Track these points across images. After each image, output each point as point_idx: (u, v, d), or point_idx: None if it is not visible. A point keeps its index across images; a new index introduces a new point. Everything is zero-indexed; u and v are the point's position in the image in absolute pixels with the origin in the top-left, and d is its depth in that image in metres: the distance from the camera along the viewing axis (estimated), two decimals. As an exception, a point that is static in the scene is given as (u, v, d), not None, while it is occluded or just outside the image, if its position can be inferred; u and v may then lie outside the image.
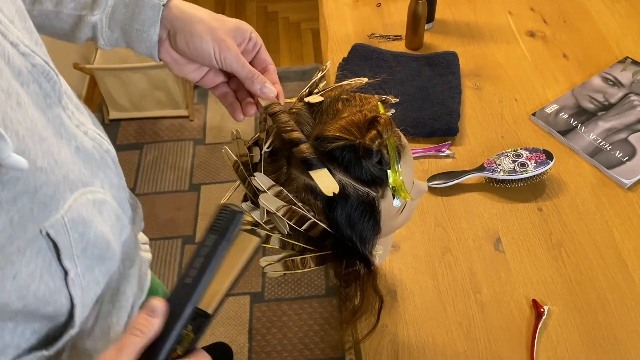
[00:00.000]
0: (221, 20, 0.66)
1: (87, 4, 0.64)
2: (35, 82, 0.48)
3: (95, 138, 0.58)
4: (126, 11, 0.64)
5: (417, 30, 1.27)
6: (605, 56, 1.26)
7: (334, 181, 0.61)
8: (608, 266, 0.93)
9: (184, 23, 0.64)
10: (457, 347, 0.86)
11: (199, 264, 0.49)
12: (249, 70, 0.65)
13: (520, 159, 1.02)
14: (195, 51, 0.64)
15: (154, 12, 0.63)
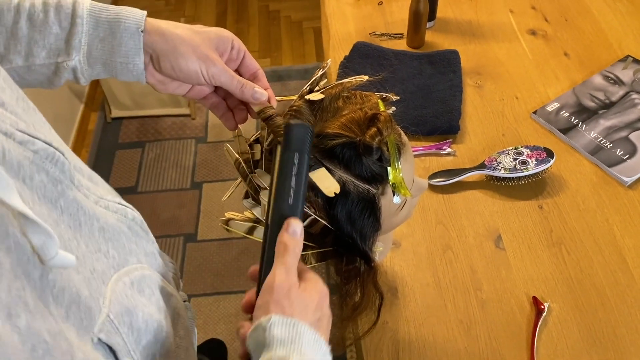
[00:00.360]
0: (202, 33, 0.64)
1: (60, 49, 0.60)
2: (41, 170, 0.44)
3: (118, 209, 0.55)
4: (103, 46, 0.61)
5: (419, 28, 1.27)
6: (607, 54, 1.26)
7: (334, 181, 0.62)
8: (608, 263, 0.93)
9: (166, 46, 0.61)
10: (457, 344, 0.86)
11: (295, 184, 0.55)
12: (237, 81, 0.64)
13: (521, 156, 1.02)
14: (181, 73, 0.62)
15: (135, 41, 0.61)
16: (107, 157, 2.28)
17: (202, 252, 1.98)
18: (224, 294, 1.86)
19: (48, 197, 0.44)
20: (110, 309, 0.46)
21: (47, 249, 0.36)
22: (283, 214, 0.55)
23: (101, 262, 0.48)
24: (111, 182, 2.18)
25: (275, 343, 0.49)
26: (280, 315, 0.51)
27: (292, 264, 0.54)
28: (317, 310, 0.54)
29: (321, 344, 0.52)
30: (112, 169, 2.24)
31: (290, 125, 0.56)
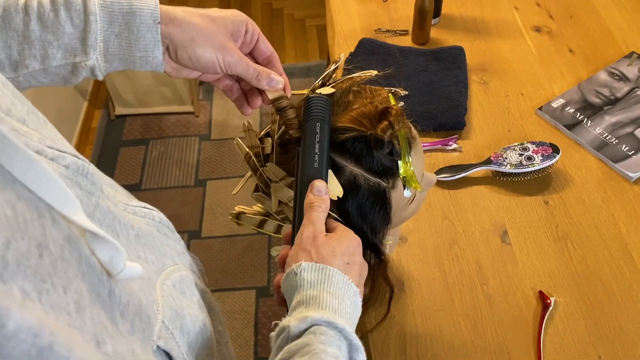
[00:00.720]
0: (218, 20, 0.62)
1: (76, 49, 0.58)
2: (74, 185, 0.43)
3: (145, 214, 0.55)
4: (120, 41, 0.59)
5: (424, 25, 1.27)
6: (612, 51, 1.26)
7: (338, 185, 0.63)
8: (614, 258, 0.94)
9: (183, 37, 0.60)
10: (464, 338, 0.87)
11: (318, 149, 0.60)
12: (253, 69, 0.64)
13: (527, 152, 1.03)
14: (198, 63, 0.62)
15: (153, 34, 0.59)
16: (111, 154, 2.28)
17: (206, 249, 1.98)
18: (228, 291, 1.87)
19: (86, 211, 0.43)
20: (164, 314, 0.47)
21: (116, 262, 0.37)
22: (310, 176, 0.60)
23: (145, 269, 0.48)
24: (115, 179, 2.16)
25: (306, 285, 0.52)
26: (309, 262, 0.54)
27: (317, 217, 0.57)
28: (345, 256, 0.56)
29: (350, 285, 0.54)
30: (116, 166, 2.24)
31: (310, 98, 0.62)
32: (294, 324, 0.49)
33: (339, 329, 0.49)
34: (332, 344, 0.48)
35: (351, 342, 0.50)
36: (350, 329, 0.51)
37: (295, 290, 0.53)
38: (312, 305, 0.51)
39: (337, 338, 0.49)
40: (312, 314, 0.49)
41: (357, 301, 0.55)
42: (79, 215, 0.35)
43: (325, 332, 0.48)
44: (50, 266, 0.32)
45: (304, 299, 0.52)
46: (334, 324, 0.49)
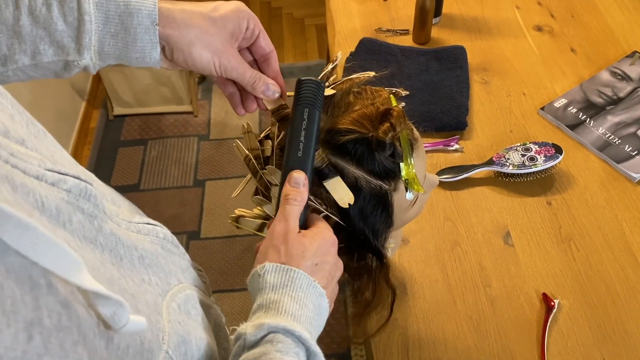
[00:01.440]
0: (218, 21, 0.60)
1: (69, 47, 0.56)
2: (77, 210, 0.42)
3: (149, 231, 0.53)
4: (116, 42, 0.58)
5: (425, 24, 1.26)
6: (614, 50, 1.25)
7: (348, 191, 0.61)
8: (618, 260, 0.93)
9: (180, 40, 0.59)
10: (467, 340, 0.86)
11: (303, 137, 0.58)
12: (250, 76, 0.63)
13: (530, 153, 1.02)
14: (194, 66, 0.60)
15: (150, 36, 0.57)
16: (110, 154, 2.27)
17: (205, 250, 1.97)
18: (228, 292, 1.86)
19: (88, 237, 0.42)
20: (169, 344, 0.46)
21: (119, 318, 0.35)
22: (292, 166, 0.58)
23: (150, 293, 0.47)
24: (113, 180, 2.18)
25: (267, 288, 0.52)
26: (274, 262, 0.53)
27: (291, 211, 0.56)
28: (316, 256, 0.55)
29: (315, 287, 0.53)
30: (115, 166, 2.23)
31: (300, 80, 0.60)
32: (250, 331, 0.48)
33: (297, 335, 0.49)
34: (289, 352, 0.47)
35: (309, 348, 0.49)
36: (309, 335, 0.50)
37: (258, 292, 0.53)
38: (271, 310, 0.50)
39: (295, 345, 0.48)
40: (269, 321, 0.48)
41: (321, 303, 0.54)
42: (81, 275, 0.33)
43: (283, 340, 0.48)
44: (42, 345, 0.31)
45: (264, 303, 0.51)
46: (291, 331, 0.48)
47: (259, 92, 0.64)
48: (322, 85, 0.61)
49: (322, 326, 0.55)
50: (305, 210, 0.59)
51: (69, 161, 0.47)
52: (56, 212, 0.39)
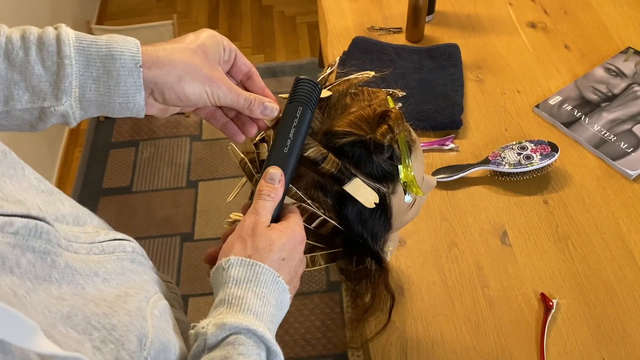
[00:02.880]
0: (198, 50, 0.58)
1: (46, 92, 0.54)
2: (26, 251, 0.41)
3: (114, 248, 0.52)
4: (98, 87, 0.55)
5: (418, 22, 1.25)
6: (607, 47, 1.25)
7: (371, 191, 0.61)
8: (615, 258, 0.93)
9: (168, 78, 0.56)
10: (466, 342, 0.85)
11: (292, 134, 0.57)
12: (244, 99, 0.61)
13: (525, 151, 1.01)
14: (188, 101, 0.58)
15: (134, 78, 0.55)
16: (101, 156, 2.25)
17: (199, 251, 1.95)
18: (222, 294, 1.84)
19: (40, 276, 0.41)
20: (149, 351, 0.45)
21: None
22: (275, 162, 0.58)
23: (130, 303, 0.46)
24: (105, 182, 2.15)
25: (231, 282, 0.51)
26: (239, 256, 0.52)
27: (262, 206, 0.56)
28: (283, 251, 0.54)
29: (279, 283, 0.53)
30: (106, 168, 2.21)
31: (299, 79, 0.60)
32: (212, 331, 0.48)
33: (259, 336, 0.48)
34: (251, 354, 0.47)
35: (270, 348, 0.49)
36: (270, 334, 0.49)
37: (221, 286, 0.52)
38: (233, 306, 0.49)
39: (257, 346, 0.48)
40: (230, 320, 0.48)
41: (284, 299, 0.54)
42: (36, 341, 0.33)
43: (244, 342, 0.47)
44: None
45: (227, 298, 0.50)
46: (253, 331, 0.48)
47: (257, 114, 0.62)
48: (319, 86, 0.61)
49: (280, 320, 0.55)
50: (279, 206, 0.58)
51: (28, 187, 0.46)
52: (1, 260, 0.38)
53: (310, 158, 0.60)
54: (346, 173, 0.60)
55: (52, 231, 0.44)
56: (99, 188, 2.14)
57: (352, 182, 0.60)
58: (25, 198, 0.44)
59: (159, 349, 0.47)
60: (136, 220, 2.04)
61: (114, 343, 0.43)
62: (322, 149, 0.60)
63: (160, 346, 0.47)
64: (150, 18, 2.70)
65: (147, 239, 1.99)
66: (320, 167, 0.60)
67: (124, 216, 2.05)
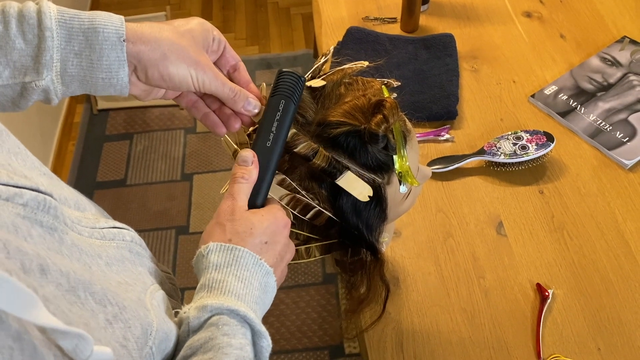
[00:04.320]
0: (186, 34, 0.58)
1: (27, 67, 0.52)
2: (35, 224, 0.41)
3: (114, 236, 0.52)
4: (80, 61, 0.53)
5: (413, 12, 1.24)
6: (603, 36, 1.24)
7: (365, 184, 0.60)
8: (611, 248, 0.92)
9: (153, 55, 0.55)
10: (461, 333, 0.85)
11: (275, 128, 0.57)
12: (230, 89, 0.60)
13: (521, 141, 1.01)
14: (171, 82, 0.57)
15: (117, 53, 0.54)
16: (95, 150, 2.23)
17: (194, 244, 1.94)
18: (218, 286, 1.84)
19: (52, 249, 0.41)
20: (154, 340, 0.45)
21: (81, 350, 0.34)
22: (260, 155, 0.57)
23: (130, 292, 0.46)
24: (99, 175, 2.14)
25: (211, 267, 0.51)
26: (218, 242, 0.52)
27: (239, 190, 0.55)
28: (266, 234, 0.54)
29: (262, 265, 0.52)
30: (100, 161, 2.19)
31: (281, 72, 0.60)
32: (193, 314, 0.48)
33: (241, 315, 0.48)
34: (236, 333, 0.47)
35: (254, 328, 0.48)
36: (254, 314, 0.49)
37: (202, 272, 0.52)
38: (214, 290, 0.49)
39: (241, 325, 0.48)
40: (211, 302, 0.47)
41: (268, 281, 0.53)
42: (36, 312, 0.32)
43: (228, 322, 0.47)
44: None
45: (207, 283, 0.50)
46: (236, 311, 0.48)
47: (239, 107, 0.61)
48: (303, 79, 0.60)
49: (268, 305, 0.54)
50: (264, 197, 0.58)
51: (32, 167, 0.46)
52: (14, 229, 0.38)
53: (301, 154, 0.59)
54: (338, 167, 0.60)
55: (60, 207, 0.44)
56: (93, 181, 2.13)
57: (345, 176, 0.60)
58: (32, 175, 0.44)
59: (162, 339, 0.47)
60: (131, 214, 2.03)
61: (123, 323, 0.43)
62: (313, 144, 0.59)
63: (163, 335, 0.47)
64: (143, 10, 2.68)
65: (142, 232, 1.98)
66: (312, 162, 0.59)
67: (119, 209, 2.04)
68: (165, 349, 0.48)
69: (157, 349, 0.46)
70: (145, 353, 0.44)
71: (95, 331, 0.39)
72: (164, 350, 0.48)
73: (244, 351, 0.46)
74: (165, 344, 0.48)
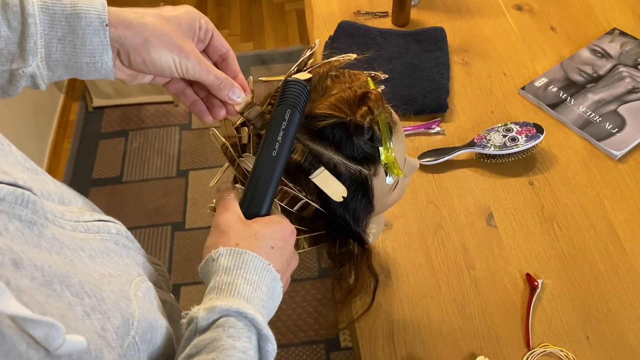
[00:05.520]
0: (172, 20, 0.58)
1: (14, 54, 0.53)
2: (13, 218, 0.41)
3: (99, 228, 0.52)
4: (64, 46, 0.54)
5: (404, 6, 1.25)
6: (593, 28, 1.25)
7: (339, 184, 0.60)
8: (600, 238, 0.93)
9: (136, 40, 0.55)
10: (452, 323, 0.86)
11: (281, 137, 0.57)
12: (215, 77, 0.59)
13: (511, 133, 1.01)
14: (154, 67, 0.57)
15: (100, 37, 0.54)
16: (90, 147, 2.24)
17: (190, 240, 1.95)
18: (214, 282, 1.85)
19: (30, 242, 0.41)
20: (137, 330, 0.46)
21: (52, 339, 0.35)
22: (264, 165, 0.58)
23: (113, 283, 0.47)
24: (95, 173, 2.15)
25: (221, 270, 0.51)
26: (227, 247, 0.53)
27: (229, 202, 0.57)
28: (272, 240, 0.55)
29: (269, 270, 0.53)
30: (96, 159, 2.20)
31: (287, 81, 0.59)
32: (202, 314, 0.48)
33: (249, 318, 0.48)
34: (241, 337, 0.47)
35: (260, 331, 0.49)
36: (262, 317, 0.49)
37: (211, 275, 0.52)
38: (223, 292, 0.50)
39: (247, 329, 0.48)
40: (221, 304, 0.48)
41: (275, 287, 0.54)
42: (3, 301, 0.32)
43: (234, 325, 0.47)
44: None
45: (217, 285, 0.50)
46: (244, 314, 0.48)
47: (224, 95, 0.61)
48: (308, 88, 0.60)
49: (274, 310, 0.55)
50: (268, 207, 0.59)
51: (14, 163, 0.46)
52: None
53: None
54: (314, 163, 0.60)
55: (39, 202, 0.44)
56: (88, 179, 2.13)
57: (319, 174, 0.60)
58: (12, 171, 0.44)
59: (145, 329, 0.47)
60: (127, 211, 2.04)
61: (102, 314, 0.43)
62: None
63: (147, 325, 0.48)
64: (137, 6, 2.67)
65: (138, 228, 1.98)
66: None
67: (115, 206, 2.05)
68: (151, 339, 0.49)
69: (141, 339, 0.46)
70: (127, 342, 0.44)
71: (72, 322, 0.40)
72: (150, 340, 0.48)
73: (247, 355, 0.47)
74: (150, 333, 0.48)
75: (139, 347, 0.46)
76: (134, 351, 0.46)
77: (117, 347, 0.43)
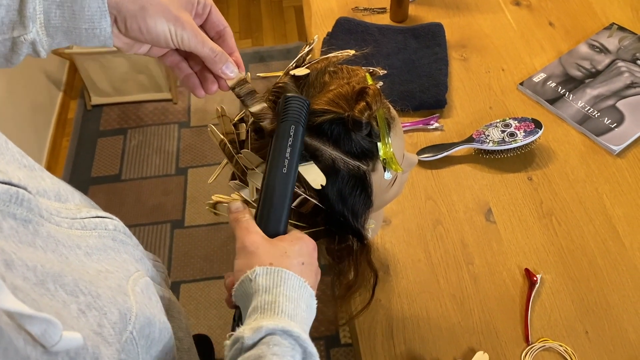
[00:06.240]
0: None
1: (15, 22, 0.53)
2: (7, 216, 0.41)
3: (96, 225, 0.52)
4: (62, 12, 0.54)
5: (402, 2, 1.25)
6: (592, 23, 1.25)
7: (319, 172, 0.61)
8: (599, 233, 0.93)
9: (133, 7, 0.55)
10: (451, 318, 0.86)
11: (289, 154, 0.58)
12: (210, 49, 0.59)
13: (509, 128, 1.01)
14: (149, 35, 0.57)
15: (98, 3, 0.54)
16: (89, 145, 2.24)
17: (190, 238, 1.95)
18: (214, 279, 1.85)
19: (25, 241, 0.41)
20: (134, 325, 0.46)
21: (50, 335, 0.35)
22: (276, 182, 0.58)
23: (110, 279, 0.47)
24: (94, 171, 2.14)
25: (261, 290, 0.51)
26: (263, 266, 0.52)
27: (247, 224, 0.57)
28: (302, 256, 0.55)
29: (306, 288, 0.53)
30: (95, 157, 2.20)
31: (287, 97, 0.59)
32: (248, 334, 0.48)
33: (294, 337, 0.48)
34: (285, 354, 0.47)
35: (306, 349, 0.49)
36: (306, 335, 0.49)
37: (251, 296, 0.52)
38: (267, 311, 0.50)
39: (292, 347, 0.48)
40: (266, 323, 0.48)
41: (312, 304, 0.54)
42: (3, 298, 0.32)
43: (279, 343, 0.47)
44: None
45: (259, 305, 0.50)
46: (289, 332, 0.48)
47: (218, 70, 0.61)
48: (308, 102, 0.60)
49: (310, 327, 0.54)
50: (285, 224, 0.59)
51: (10, 160, 0.46)
52: None
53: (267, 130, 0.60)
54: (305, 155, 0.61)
55: (34, 200, 0.44)
56: (87, 177, 2.13)
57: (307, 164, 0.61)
58: (7, 169, 0.44)
59: (143, 324, 0.47)
60: (126, 209, 2.03)
61: (98, 310, 0.43)
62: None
63: (145, 320, 0.48)
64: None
65: (138, 226, 1.98)
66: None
67: (114, 204, 2.05)
68: (149, 334, 0.49)
69: (139, 334, 0.46)
70: (125, 338, 0.45)
71: (68, 320, 0.40)
72: (148, 335, 0.48)
73: None
74: (148, 328, 0.48)
75: (137, 342, 0.46)
76: (132, 346, 0.46)
77: (114, 342, 0.43)
